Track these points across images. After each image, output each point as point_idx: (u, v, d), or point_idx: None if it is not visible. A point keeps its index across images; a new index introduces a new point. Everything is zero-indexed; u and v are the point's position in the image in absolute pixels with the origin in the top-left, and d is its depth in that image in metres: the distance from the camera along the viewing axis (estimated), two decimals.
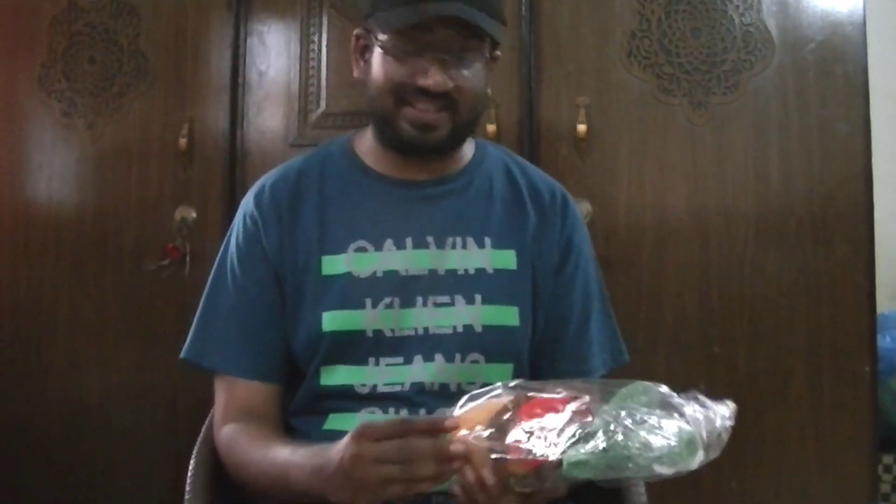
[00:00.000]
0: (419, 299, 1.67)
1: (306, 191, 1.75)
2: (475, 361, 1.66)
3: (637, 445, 1.21)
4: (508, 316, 1.68)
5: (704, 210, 2.61)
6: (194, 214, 2.74)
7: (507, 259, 1.72)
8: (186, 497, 1.65)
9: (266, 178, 1.80)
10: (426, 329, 1.66)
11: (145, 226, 2.79)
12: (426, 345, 1.66)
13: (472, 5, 1.58)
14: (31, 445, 2.82)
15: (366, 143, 1.79)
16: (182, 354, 1.75)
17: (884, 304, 3.03)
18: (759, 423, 2.57)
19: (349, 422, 1.58)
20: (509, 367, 1.70)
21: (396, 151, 1.71)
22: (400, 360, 1.65)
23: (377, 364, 1.65)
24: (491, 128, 2.62)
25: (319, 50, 2.76)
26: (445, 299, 1.67)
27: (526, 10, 2.68)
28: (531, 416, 1.26)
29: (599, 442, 1.21)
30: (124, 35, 2.84)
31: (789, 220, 2.58)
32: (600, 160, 2.64)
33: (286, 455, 1.50)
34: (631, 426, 1.22)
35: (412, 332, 1.65)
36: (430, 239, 1.70)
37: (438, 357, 1.65)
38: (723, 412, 1.29)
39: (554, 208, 1.79)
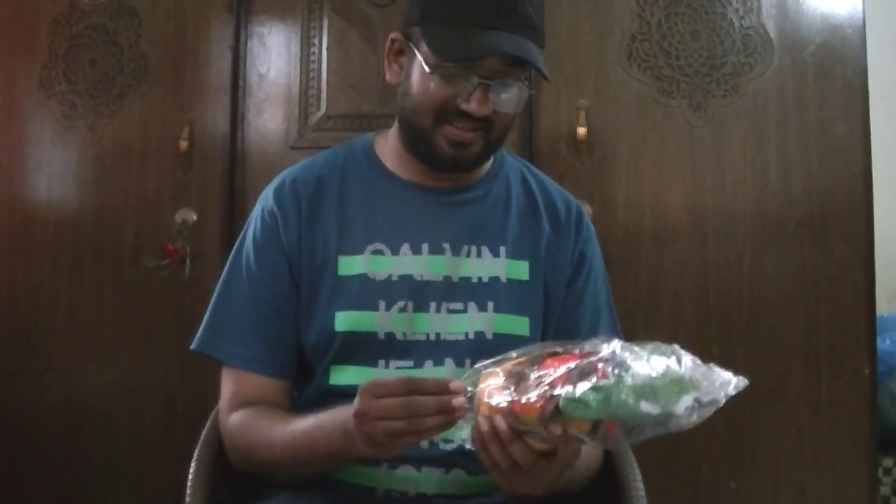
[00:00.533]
0: (432, 305, 1.67)
1: (327, 189, 1.75)
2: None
3: (624, 377, 1.21)
4: (519, 325, 1.69)
5: (703, 211, 2.61)
6: (194, 216, 2.74)
7: (521, 269, 1.72)
8: (187, 500, 1.65)
9: (287, 174, 1.79)
10: (438, 335, 1.66)
11: (145, 227, 2.80)
12: (437, 350, 1.65)
13: (524, 35, 1.58)
14: (29, 444, 2.82)
15: (388, 147, 1.79)
16: (193, 346, 1.74)
17: (883, 306, 3.03)
18: (757, 423, 2.58)
19: None
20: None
21: (427, 165, 1.71)
22: (410, 363, 1.65)
23: (387, 366, 1.64)
24: None
25: (320, 52, 2.77)
26: (458, 306, 1.67)
27: None
28: (543, 369, 1.26)
29: (593, 380, 1.21)
30: (125, 37, 2.85)
31: (788, 220, 2.59)
32: (599, 162, 2.65)
33: (310, 423, 1.51)
34: (625, 362, 1.22)
35: (423, 337, 1.65)
36: (446, 245, 1.70)
37: (449, 362, 1.65)
38: (726, 377, 1.28)
39: (569, 221, 1.79)
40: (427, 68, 1.60)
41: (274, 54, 2.81)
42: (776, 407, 2.58)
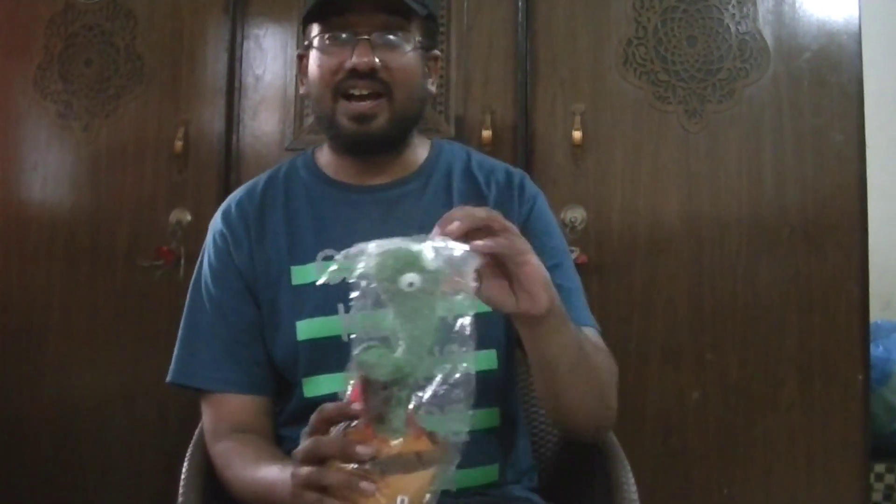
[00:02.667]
0: None
1: (272, 205, 1.77)
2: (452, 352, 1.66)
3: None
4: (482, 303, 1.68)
5: (698, 217, 2.61)
6: (189, 217, 2.74)
7: None
8: (180, 500, 1.65)
9: (232, 197, 1.82)
10: None
11: (139, 228, 2.80)
12: None
13: None
14: (24, 446, 2.82)
15: (326, 155, 1.82)
16: (168, 378, 1.74)
17: (876, 314, 3.03)
18: (750, 430, 2.58)
19: None
20: (492, 352, 1.70)
21: (344, 151, 1.74)
22: None
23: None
24: (486, 133, 2.63)
25: None
26: None
27: (522, 16, 2.68)
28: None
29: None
30: (121, 37, 2.85)
31: (782, 227, 2.59)
32: (595, 167, 2.65)
33: (275, 473, 1.49)
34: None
35: (388, 333, 1.66)
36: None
37: None
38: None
39: (510, 188, 1.79)
40: (314, 49, 1.67)
41: (270, 56, 2.81)
42: (770, 414, 2.58)
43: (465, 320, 1.17)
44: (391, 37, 1.65)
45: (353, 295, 1.16)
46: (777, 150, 2.60)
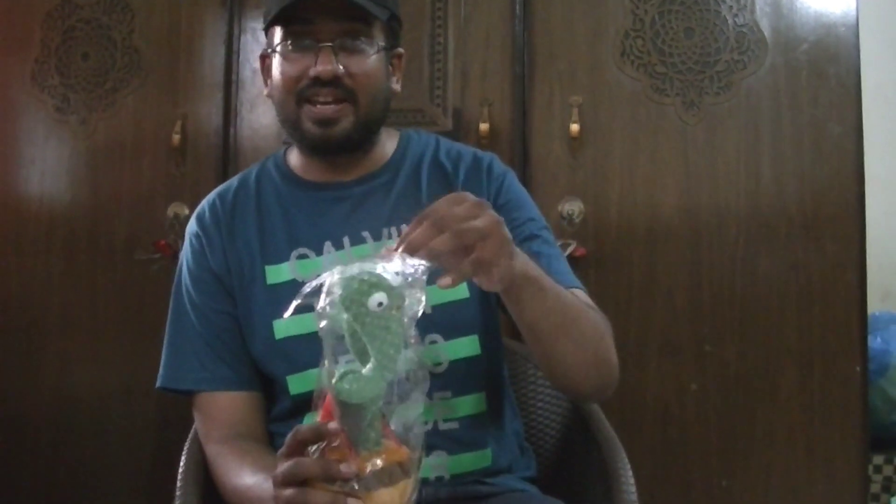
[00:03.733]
0: None
1: (244, 205, 1.80)
2: (433, 342, 1.67)
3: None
4: (458, 290, 1.68)
5: (696, 209, 2.61)
6: (187, 211, 2.74)
7: None
8: (178, 494, 1.65)
9: (206, 200, 1.85)
10: None
11: (138, 222, 2.79)
12: None
13: None
14: (22, 440, 2.82)
15: (295, 156, 1.84)
16: (158, 384, 1.77)
17: (875, 305, 3.04)
18: (749, 422, 2.58)
19: None
20: (473, 338, 1.71)
21: (310, 153, 1.76)
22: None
23: (336, 362, 1.65)
24: (483, 126, 2.63)
25: None
26: None
27: (520, 8, 2.68)
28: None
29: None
30: (118, 31, 2.84)
31: (781, 219, 2.59)
32: (592, 159, 2.65)
33: (259, 482, 1.50)
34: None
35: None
36: (365, 234, 1.72)
37: None
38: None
39: (479, 170, 1.80)
40: (276, 54, 1.69)
41: None
42: (768, 405, 2.58)
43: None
44: (354, 42, 1.67)
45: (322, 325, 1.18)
46: (775, 142, 2.60)
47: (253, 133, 2.79)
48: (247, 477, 1.55)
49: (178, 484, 1.67)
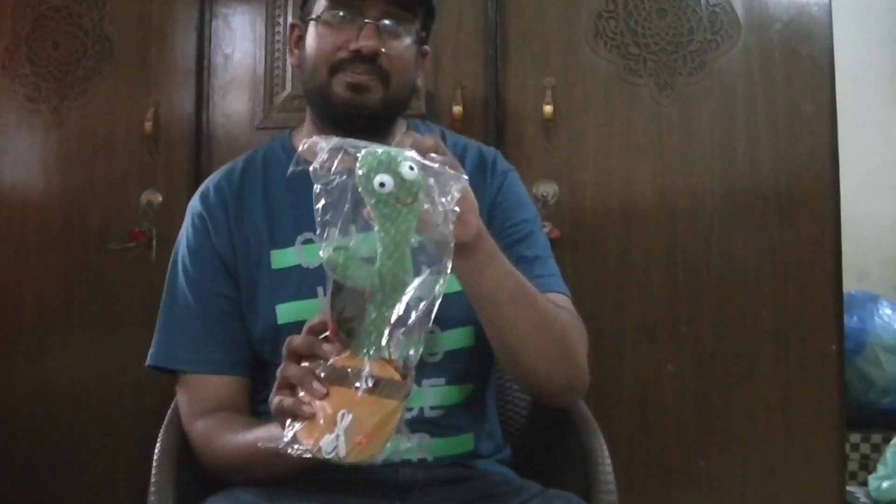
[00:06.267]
0: None
1: (251, 188, 1.78)
2: (431, 332, 1.66)
3: None
4: (454, 283, 1.67)
5: (671, 190, 2.61)
6: (160, 198, 2.73)
7: None
8: (153, 479, 1.64)
9: (210, 180, 1.82)
10: None
11: (111, 210, 2.78)
12: None
13: None
14: None
15: (303, 138, 1.79)
16: (148, 362, 1.75)
17: (851, 285, 3.05)
18: (726, 402, 2.59)
19: None
20: (469, 329, 1.70)
21: (332, 124, 1.72)
22: None
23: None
24: (457, 109, 2.62)
25: (284, 33, 2.75)
26: None
27: None
28: None
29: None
30: (88, 18, 2.82)
31: (755, 199, 2.59)
32: (566, 141, 2.64)
33: (263, 430, 1.49)
34: None
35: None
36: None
37: None
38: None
39: (483, 165, 1.81)
40: (317, 24, 1.69)
41: (239, 35, 2.79)
42: (745, 385, 2.59)
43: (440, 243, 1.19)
44: (397, 25, 1.67)
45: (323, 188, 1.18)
46: (749, 122, 2.60)
47: (226, 119, 2.77)
48: (239, 434, 1.55)
49: (154, 468, 1.66)
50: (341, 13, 1.66)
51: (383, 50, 1.64)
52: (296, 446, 1.15)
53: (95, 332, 2.78)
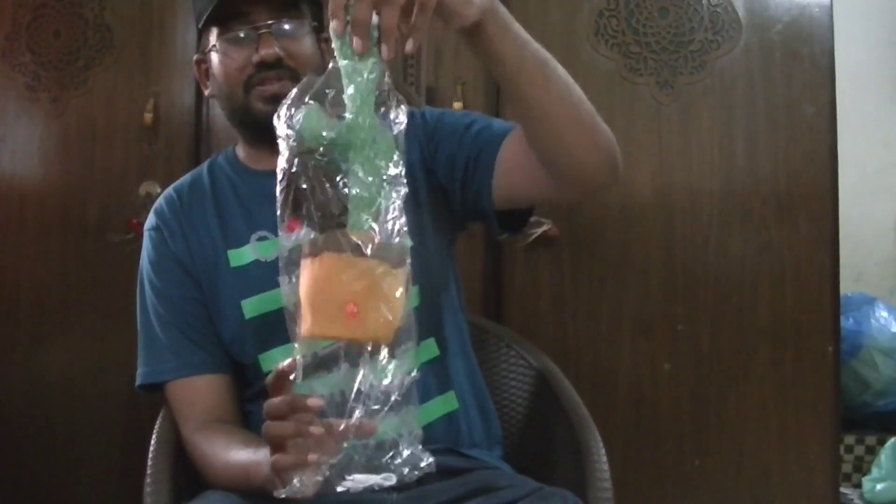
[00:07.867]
0: None
1: (200, 198, 1.84)
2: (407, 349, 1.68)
3: None
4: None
5: (670, 189, 2.61)
6: (159, 189, 2.71)
7: None
8: (148, 472, 1.65)
9: (161, 197, 1.89)
10: None
11: (110, 201, 2.78)
12: None
13: None
14: None
15: (243, 150, 1.89)
16: (137, 382, 1.79)
17: (848, 286, 3.05)
18: (722, 401, 2.59)
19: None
20: (430, 340, 1.75)
21: (259, 137, 1.76)
22: None
23: None
24: (458, 105, 2.62)
25: None
26: None
27: None
28: None
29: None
30: (89, 8, 2.82)
31: (754, 199, 2.59)
32: None
33: (247, 456, 1.52)
34: None
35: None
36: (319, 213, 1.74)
37: None
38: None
39: (413, 121, 1.78)
40: (216, 54, 1.75)
41: None
42: (741, 385, 2.59)
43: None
44: (288, 26, 1.73)
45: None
46: (748, 122, 2.60)
47: None
48: (240, 452, 1.56)
49: (149, 463, 1.67)
50: (234, 34, 1.72)
51: (284, 53, 1.70)
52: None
53: (92, 322, 2.78)
